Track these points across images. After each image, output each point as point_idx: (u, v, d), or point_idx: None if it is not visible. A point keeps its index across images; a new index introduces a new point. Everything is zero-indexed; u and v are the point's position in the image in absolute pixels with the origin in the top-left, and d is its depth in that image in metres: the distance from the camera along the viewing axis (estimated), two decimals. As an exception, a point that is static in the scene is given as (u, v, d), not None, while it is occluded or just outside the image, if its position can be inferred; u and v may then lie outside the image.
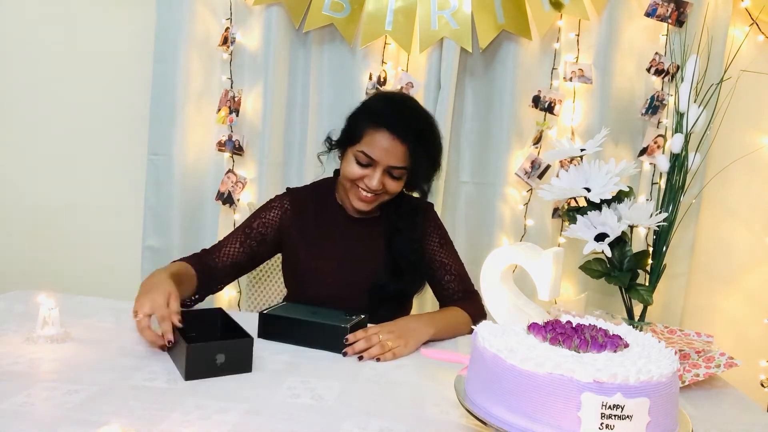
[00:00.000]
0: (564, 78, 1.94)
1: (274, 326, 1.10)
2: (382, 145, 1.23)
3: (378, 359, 1.03)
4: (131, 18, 2.09)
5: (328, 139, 1.38)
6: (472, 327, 0.98)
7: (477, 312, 1.30)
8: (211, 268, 1.30)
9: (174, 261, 1.28)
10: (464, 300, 1.33)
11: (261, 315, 1.11)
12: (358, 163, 1.26)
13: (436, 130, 1.32)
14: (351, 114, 1.33)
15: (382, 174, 1.25)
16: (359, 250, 1.35)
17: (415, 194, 1.39)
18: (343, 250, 1.35)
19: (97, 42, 2.13)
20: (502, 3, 1.89)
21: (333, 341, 1.04)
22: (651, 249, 1.13)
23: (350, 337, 1.06)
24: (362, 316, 1.12)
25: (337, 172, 1.40)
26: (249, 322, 1.06)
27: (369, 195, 1.27)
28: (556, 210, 1.98)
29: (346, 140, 1.31)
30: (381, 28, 1.94)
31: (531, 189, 1.98)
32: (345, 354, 1.04)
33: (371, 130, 1.24)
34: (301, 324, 1.07)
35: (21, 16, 2.14)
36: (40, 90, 2.16)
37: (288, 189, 1.44)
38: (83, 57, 2.14)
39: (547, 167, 1.96)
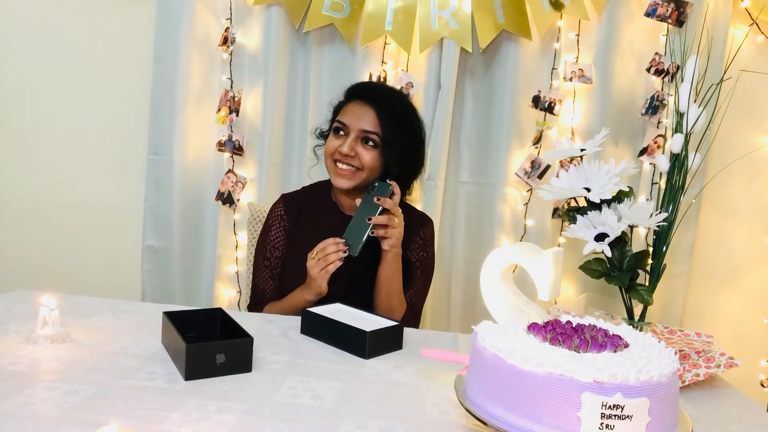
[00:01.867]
0: (564, 78, 1.94)
1: (311, 323, 1.12)
2: (353, 111, 1.35)
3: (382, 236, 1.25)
4: (131, 18, 2.09)
5: (319, 131, 1.48)
6: (396, 320, 1.08)
7: (407, 322, 1.31)
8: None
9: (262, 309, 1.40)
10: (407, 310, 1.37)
11: (303, 311, 1.13)
12: (335, 133, 1.36)
13: (409, 103, 1.44)
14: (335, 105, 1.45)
15: (354, 140, 1.33)
16: None
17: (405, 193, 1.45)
18: None
19: (97, 42, 2.13)
20: (502, 3, 1.89)
21: (356, 345, 1.04)
22: (651, 249, 1.13)
23: (387, 203, 1.24)
24: (394, 323, 1.10)
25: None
26: (249, 322, 1.06)
27: (345, 168, 1.33)
28: (556, 210, 1.98)
29: (330, 125, 1.41)
30: (381, 28, 1.94)
31: (531, 189, 1.98)
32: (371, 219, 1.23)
33: (345, 103, 1.39)
34: (331, 324, 1.08)
35: (21, 16, 2.14)
36: (40, 90, 2.17)
37: (282, 195, 1.50)
38: (83, 57, 2.14)
39: (547, 167, 1.96)
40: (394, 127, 1.33)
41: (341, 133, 1.34)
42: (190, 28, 1.97)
